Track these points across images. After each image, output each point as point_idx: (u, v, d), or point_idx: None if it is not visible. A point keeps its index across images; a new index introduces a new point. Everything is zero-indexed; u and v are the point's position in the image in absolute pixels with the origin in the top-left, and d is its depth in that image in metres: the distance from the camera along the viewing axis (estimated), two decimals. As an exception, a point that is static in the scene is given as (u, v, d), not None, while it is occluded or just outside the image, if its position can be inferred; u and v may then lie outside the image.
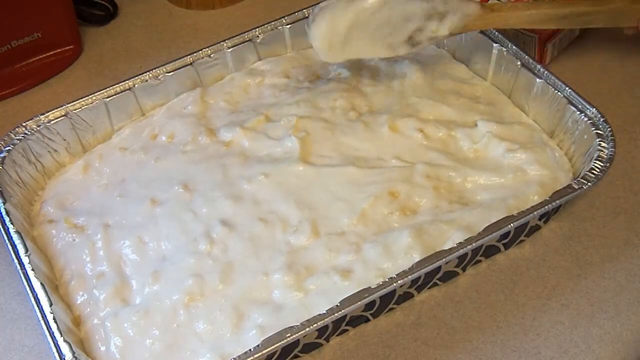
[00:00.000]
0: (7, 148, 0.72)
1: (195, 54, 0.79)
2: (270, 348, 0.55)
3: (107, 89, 0.76)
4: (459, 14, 0.72)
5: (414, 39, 0.72)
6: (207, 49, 0.80)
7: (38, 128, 0.74)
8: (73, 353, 0.57)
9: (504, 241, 0.65)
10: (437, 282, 0.64)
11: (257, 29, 0.81)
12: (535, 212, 0.62)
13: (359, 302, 0.57)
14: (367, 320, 0.63)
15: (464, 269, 0.65)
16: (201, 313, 0.61)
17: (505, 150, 0.69)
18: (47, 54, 0.87)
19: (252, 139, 0.73)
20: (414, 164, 0.69)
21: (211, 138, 0.74)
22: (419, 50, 0.74)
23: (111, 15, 0.94)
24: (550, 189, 0.65)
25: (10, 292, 0.68)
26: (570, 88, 0.70)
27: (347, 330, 0.62)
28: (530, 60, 0.73)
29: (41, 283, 0.61)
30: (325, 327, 0.58)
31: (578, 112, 0.69)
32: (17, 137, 0.72)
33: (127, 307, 0.62)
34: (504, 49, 0.75)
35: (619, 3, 0.72)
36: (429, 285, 0.64)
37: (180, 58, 0.79)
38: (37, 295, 0.60)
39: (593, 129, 0.67)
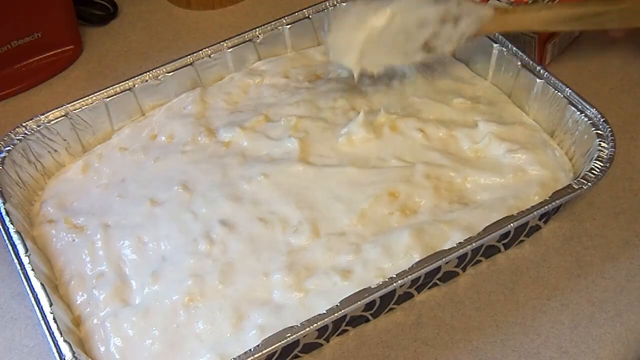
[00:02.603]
0: (7, 148, 0.72)
1: (195, 54, 0.79)
2: (270, 348, 0.55)
3: (107, 89, 0.76)
4: (473, 17, 0.72)
5: (429, 44, 0.72)
6: (207, 49, 0.80)
7: (38, 128, 0.74)
8: (73, 353, 0.57)
9: (504, 241, 0.65)
10: (437, 282, 0.64)
11: (257, 29, 0.81)
12: (535, 212, 0.62)
13: (359, 302, 0.57)
14: (367, 320, 0.63)
15: (464, 269, 0.65)
16: (201, 313, 0.61)
17: (505, 151, 0.69)
18: (47, 54, 0.87)
19: (252, 139, 0.73)
20: (414, 164, 0.69)
21: (211, 138, 0.74)
22: (435, 56, 0.74)
23: (111, 15, 0.94)
24: (550, 189, 0.65)
25: (10, 292, 0.68)
26: (570, 88, 0.70)
27: (347, 330, 0.62)
28: (531, 61, 0.73)
29: (41, 283, 0.61)
30: (325, 327, 0.58)
31: (578, 113, 0.69)
32: (17, 137, 0.73)
33: (126, 307, 0.62)
34: (504, 49, 0.75)
35: (630, 3, 0.72)
36: (429, 285, 0.64)
37: (180, 58, 0.79)
38: (37, 295, 0.60)
39: (593, 129, 0.67)
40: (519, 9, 0.74)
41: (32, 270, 0.62)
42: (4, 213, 0.66)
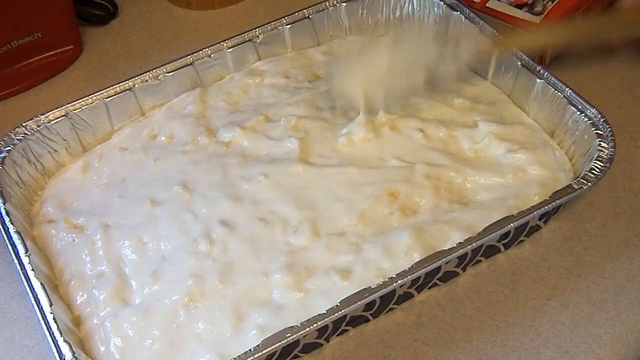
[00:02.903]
0: (7, 148, 0.72)
1: (195, 54, 0.79)
2: (270, 348, 0.55)
3: (107, 89, 0.76)
4: (472, 50, 0.73)
5: (431, 81, 0.73)
6: (207, 49, 0.80)
7: (38, 128, 0.73)
8: (73, 353, 0.57)
9: (504, 241, 0.65)
10: (437, 282, 0.64)
11: (257, 29, 0.81)
12: (535, 212, 0.62)
13: (359, 302, 0.57)
14: (367, 320, 0.63)
15: (464, 269, 0.65)
16: (201, 313, 0.61)
17: (505, 151, 0.69)
18: (47, 54, 0.87)
19: (252, 139, 0.73)
20: (414, 164, 0.69)
21: (211, 138, 0.74)
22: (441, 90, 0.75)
23: (111, 15, 0.94)
24: (550, 189, 0.65)
25: (10, 292, 0.68)
26: (570, 88, 0.70)
27: (347, 330, 0.62)
28: (531, 61, 0.73)
29: (41, 283, 0.61)
30: (325, 327, 0.58)
31: (578, 113, 0.69)
32: (17, 137, 0.72)
33: (126, 307, 0.62)
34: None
35: (626, 16, 0.73)
36: (429, 285, 0.64)
37: (180, 58, 0.79)
38: (37, 295, 0.60)
39: (593, 129, 0.67)
40: (516, 34, 0.76)
41: (32, 270, 0.62)
42: (4, 213, 0.66)
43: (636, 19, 0.73)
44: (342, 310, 0.56)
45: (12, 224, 0.66)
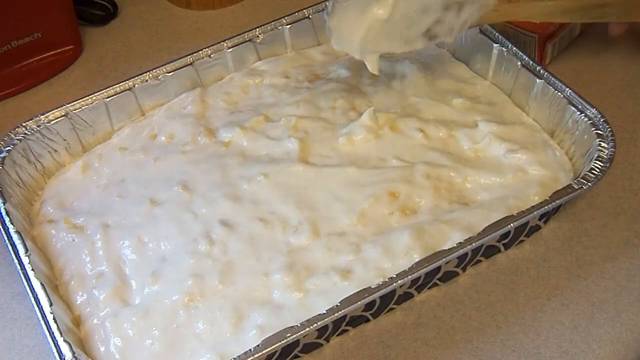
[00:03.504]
0: (7, 148, 0.72)
1: (195, 54, 0.79)
2: (270, 348, 0.55)
3: (107, 89, 0.76)
4: (476, 6, 0.71)
5: (431, 32, 0.71)
6: (207, 49, 0.80)
7: (38, 128, 0.74)
8: (73, 353, 0.57)
9: (504, 241, 0.65)
10: (437, 282, 0.64)
11: (257, 29, 0.81)
12: (535, 212, 0.62)
13: (359, 302, 0.57)
14: (367, 320, 0.63)
15: (464, 269, 0.65)
16: (201, 313, 0.61)
17: (505, 151, 0.69)
18: (47, 54, 0.87)
19: (252, 139, 0.73)
20: (414, 164, 0.69)
21: (210, 138, 0.74)
22: (436, 43, 0.73)
23: (111, 15, 0.94)
24: (550, 189, 0.65)
25: (10, 292, 0.68)
26: (570, 88, 0.70)
27: (347, 330, 0.62)
28: (531, 61, 0.73)
29: (41, 283, 0.61)
30: (325, 327, 0.58)
31: (578, 113, 0.69)
32: (17, 137, 0.72)
33: (126, 307, 0.62)
34: (504, 49, 0.75)
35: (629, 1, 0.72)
36: (429, 285, 0.64)
37: (180, 58, 0.79)
38: (37, 295, 0.60)
39: (593, 129, 0.67)
40: (518, 3, 0.74)
41: (32, 270, 0.62)
42: (4, 213, 0.66)
43: (636, 1, 0.72)
44: (342, 310, 0.56)
45: (12, 224, 0.66)
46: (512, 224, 0.61)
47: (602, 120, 0.67)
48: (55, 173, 0.75)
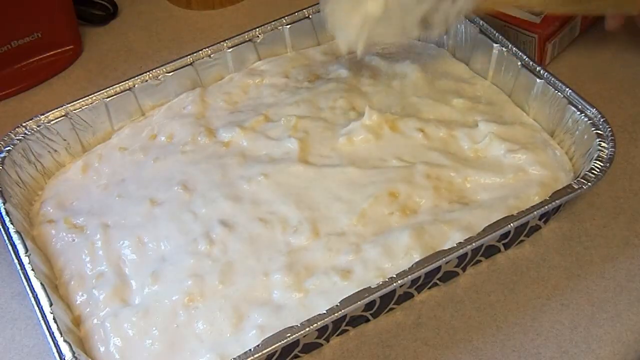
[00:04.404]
0: (7, 148, 0.72)
1: (195, 54, 0.79)
2: (270, 348, 0.55)
3: (107, 89, 0.76)
4: (470, 3, 0.71)
5: (427, 20, 0.71)
6: (207, 49, 0.80)
7: (38, 128, 0.74)
8: (73, 353, 0.57)
9: (504, 241, 0.65)
10: (437, 282, 0.64)
11: (257, 29, 0.81)
12: (535, 212, 0.62)
13: (359, 302, 0.57)
14: (367, 320, 0.63)
15: (464, 269, 0.65)
16: (201, 313, 0.61)
17: (506, 151, 0.69)
18: (47, 54, 0.87)
19: (252, 139, 0.73)
20: (414, 164, 0.69)
21: (210, 138, 0.74)
22: (431, 34, 0.73)
23: (111, 15, 0.94)
24: (551, 189, 0.65)
25: (10, 292, 0.68)
26: (570, 88, 0.70)
27: (347, 330, 0.62)
28: (531, 61, 0.73)
29: (41, 283, 0.61)
30: (325, 327, 0.58)
31: (578, 113, 0.69)
32: (17, 137, 0.72)
33: (126, 308, 0.62)
34: (504, 49, 0.75)
35: None
36: (429, 285, 0.64)
37: (180, 58, 0.79)
38: (37, 295, 0.60)
39: (593, 129, 0.67)
40: None
41: (32, 270, 0.62)
42: (4, 213, 0.66)
43: None
44: (342, 310, 0.56)
45: (12, 224, 0.66)
46: (512, 224, 0.61)
47: (602, 120, 0.67)
48: (55, 173, 0.75)
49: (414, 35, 0.72)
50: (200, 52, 0.79)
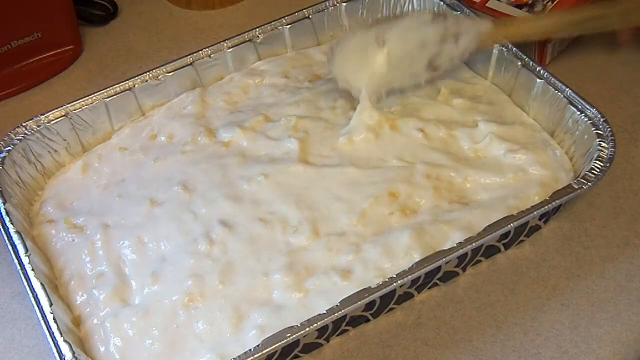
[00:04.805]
0: (7, 148, 0.72)
1: (195, 54, 0.79)
2: (270, 348, 0.55)
3: (107, 89, 0.76)
4: (472, 33, 0.73)
5: (433, 64, 0.73)
6: (207, 49, 0.80)
7: (38, 128, 0.74)
8: (73, 353, 0.57)
9: (504, 241, 0.65)
10: (437, 282, 0.64)
11: (257, 29, 0.81)
12: (535, 212, 0.62)
13: (359, 302, 0.57)
14: (367, 320, 0.63)
15: (464, 269, 0.65)
16: (201, 313, 0.61)
17: (506, 151, 0.69)
18: (47, 54, 0.87)
19: (252, 139, 0.73)
20: (414, 163, 0.69)
21: (210, 138, 0.74)
22: (440, 73, 0.75)
23: (111, 15, 0.94)
24: (551, 189, 0.65)
25: (10, 292, 0.68)
26: (570, 88, 0.70)
27: (347, 330, 0.62)
28: (531, 61, 0.73)
29: (41, 283, 0.61)
30: (325, 327, 0.58)
31: (578, 113, 0.69)
32: (17, 137, 0.73)
33: (126, 308, 0.62)
34: (504, 49, 0.75)
35: (626, 4, 0.72)
36: (429, 285, 0.64)
37: (180, 58, 0.79)
38: (37, 295, 0.60)
39: (593, 129, 0.67)
40: (518, 20, 0.76)
41: (32, 270, 0.62)
42: (4, 213, 0.66)
43: (638, 7, 0.73)
44: (342, 310, 0.56)
45: (12, 224, 0.66)
46: (512, 224, 0.61)
47: (602, 120, 0.67)
48: (55, 173, 0.75)
49: (423, 79, 0.74)
50: (200, 52, 0.79)
